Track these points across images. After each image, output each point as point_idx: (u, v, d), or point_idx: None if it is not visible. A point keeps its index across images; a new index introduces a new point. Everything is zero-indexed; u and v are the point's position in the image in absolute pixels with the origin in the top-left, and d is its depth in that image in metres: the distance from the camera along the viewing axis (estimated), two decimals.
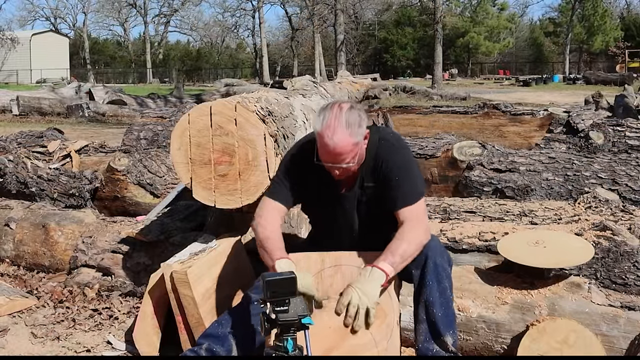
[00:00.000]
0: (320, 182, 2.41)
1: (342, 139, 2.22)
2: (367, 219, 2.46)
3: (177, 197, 4.16)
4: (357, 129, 2.25)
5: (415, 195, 2.33)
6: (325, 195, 2.44)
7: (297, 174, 2.44)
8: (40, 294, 3.32)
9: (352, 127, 2.24)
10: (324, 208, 2.48)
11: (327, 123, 2.23)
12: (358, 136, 2.26)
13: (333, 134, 2.22)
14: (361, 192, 2.41)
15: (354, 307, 2.10)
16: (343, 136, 2.22)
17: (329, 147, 2.23)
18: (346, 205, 2.44)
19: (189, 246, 2.82)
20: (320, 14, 37.91)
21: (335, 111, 2.25)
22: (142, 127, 7.04)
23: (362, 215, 2.46)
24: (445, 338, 2.29)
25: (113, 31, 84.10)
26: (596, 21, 46.27)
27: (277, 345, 1.81)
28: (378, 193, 2.39)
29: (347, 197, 2.43)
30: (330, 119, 2.23)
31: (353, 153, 2.26)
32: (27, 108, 15.33)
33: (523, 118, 6.48)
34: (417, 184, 2.37)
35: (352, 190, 2.42)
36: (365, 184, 2.40)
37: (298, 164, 2.45)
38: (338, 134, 2.22)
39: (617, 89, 18.44)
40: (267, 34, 49.64)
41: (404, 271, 2.36)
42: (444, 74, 33.73)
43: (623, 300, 2.52)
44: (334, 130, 2.22)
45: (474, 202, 3.70)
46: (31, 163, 4.64)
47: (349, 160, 2.27)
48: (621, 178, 3.87)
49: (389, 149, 2.38)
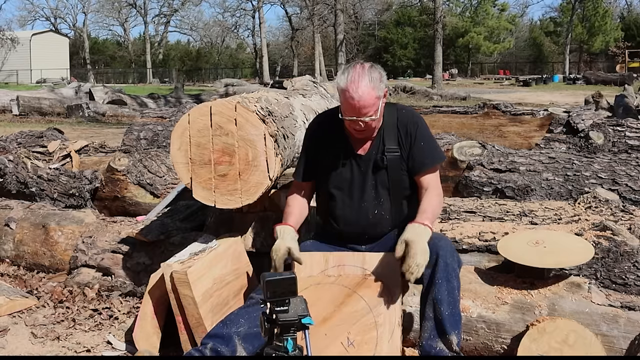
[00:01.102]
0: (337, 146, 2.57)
1: (366, 92, 2.38)
2: (380, 188, 2.55)
3: (177, 197, 4.16)
4: (379, 84, 2.43)
5: (438, 160, 2.58)
6: (340, 157, 2.57)
7: (314, 145, 2.63)
8: (40, 294, 3.32)
9: (375, 82, 2.41)
10: (338, 170, 2.58)
11: (352, 78, 2.39)
12: (380, 90, 2.43)
13: (357, 88, 2.38)
14: (382, 157, 2.53)
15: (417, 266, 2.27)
16: (367, 89, 2.39)
17: (354, 100, 2.39)
18: (362, 168, 2.55)
19: (189, 246, 2.82)
20: (320, 14, 37.93)
21: (358, 68, 2.42)
22: (142, 127, 7.04)
23: (377, 183, 2.55)
24: (450, 337, 2.31)
25: (113, 31, 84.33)
26: (596, 21, 46.29)
27: (277, 345, 1.81)
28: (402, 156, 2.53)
29: (363, 158, 2.56)
30: (354, 75, 2.40)
31: (376, 107, 2.42)
32: (27, 108, 15.35)
33: (523, 118, 6.48)
34: (439, 151, 2.60)
35: (370, 153, 2.55)
36: (386, 148, 2.54)
37: (314, 135, 2.65)
38: (362, 87, 2.38)
39: (617, 89, 18.46)
40: (267, 34, 49.69)
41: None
42: (444, 74, 33.74)
43: (623, 300, 2.52)
44: (358, 84, 2.38)
45: (474, 202, 3.70)
46: (31, 163, 4.64)
47: (372, 114, 2.41)
48: (621, 178, 3.87)
49: (411, 117, 2.59)
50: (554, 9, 53.71)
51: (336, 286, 2.42)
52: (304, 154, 2.69)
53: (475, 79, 43.59)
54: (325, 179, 2.64)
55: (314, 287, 2.41)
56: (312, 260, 2.42)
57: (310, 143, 2.66)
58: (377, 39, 54.24)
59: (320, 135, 2.63)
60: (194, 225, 3.47)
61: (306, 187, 2.70)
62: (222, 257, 2.80)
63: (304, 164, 2.67)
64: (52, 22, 57.24)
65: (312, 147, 2.64)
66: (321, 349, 2.29)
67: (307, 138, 2.69)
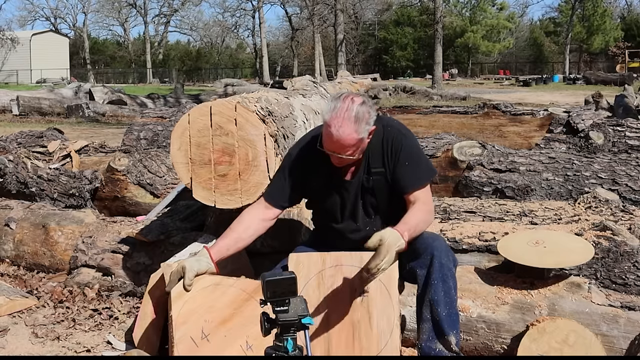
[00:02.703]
0: (324, 172, 2.46)
1: (347, 133, 2.27)
2: (369, 208, 2.50)
3: (177, 197, 4.16)
4: (364, 126, 2.30)
5: (425, 179, 2.44)
6: (329, 184, 2.49)
7: (300, 168, 2.49)
8: (40, 294, 3.32)
9: (360, 123, 2.29)
10: (328, 197, 2.51)
11: (337, 113, 2.28)
12: (364, 133, 2.31)
13: (340, 126, 2.27)
14: (367, 178, 2.46)
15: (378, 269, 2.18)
16: (349, 130, 2.27)
17: (332, 137, 2.29)
18: (351, 192, 2.48)
19: (189, 246, 2.82)
20: (320, 14, 37.91)
21: (347, 103, 2.29)
22: (142, 127, 7.04)
23: (366, 204, 2.50)
24: (449, 337, 2.30)
25: (113, 31, 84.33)
26: (595, 21, 46.29)
27: (277, 345, 1.81)
28: (386, 177, 2.44)
29: (351, 183, 2.48)
30: (341, 110, 2.28)
31: (355, 147, 2.32)
32: (27, 108, 15.34)
33: (523, 118, 6.49)
34: (427, 167, 2.47)
35: (357, 177, 2.47)
36: (372, 169, 2.45)
37: (301, 159, 2.50)
38: (344, 127, 2.27)
39: (617, 89, 18.45)
40: (267, 34, 49.67)
41: (408, 272, 2.38)
42: (444, 74, 33.73)
43: (623, 300, 2.52)
44: (342, 122, 2.27)
45: (474, 202, 3.70)
46: (31, 163, 4.64)
47: (350, 153, 2.32)
48: (621, 178, 3.87)
49: (396, 135, 2.45)
50: (554, 9, 53.73)
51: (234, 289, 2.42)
52: (281, 175, 2.52)
53: (475, 79, 43.57)
54: (316, 206, 2.62)
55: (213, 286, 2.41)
56: (309, 261, 2.42)
57: (294, 168, 2.50)
58: (377, 39, 54.22)
59: (305, 163, 2.49)
60: (194, 225, 3.47)
61: (271, 214, 2.52)
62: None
63: (281, 187, 2.51)
64: (52, 22, 57.24)
65: (296, 172, 2.50)
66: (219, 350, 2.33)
67: (290, 162, 2.52)
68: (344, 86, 8.67)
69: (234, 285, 2.43)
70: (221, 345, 2.34)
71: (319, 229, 2.69)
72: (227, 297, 2.40)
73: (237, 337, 2.36)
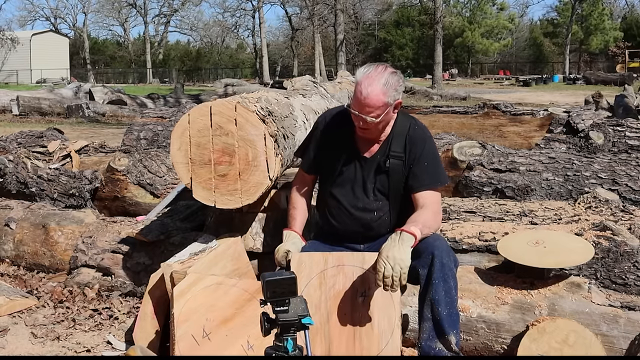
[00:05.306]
0: (345, 145, 2.58)
1: (375, 92, 2.38)
2: (381, 189, 2.56)
3: (177, 197, 4.16)
4: (392, 91, 2.41)
5: (439, 182, 2.53)
6: (348, 157, 2.58)
7: (323, 139, 2.65)
8: (40, 294, 3.32)
9: (388, 87, 2.40)
10: (344, 169, 2.59)
11: (369, 74, 2.41)
12: (390, 98, 2.41)
13: (369, 85, 2.38)
14: (385, 160, 2.53)
15: (388, 278, 2.24)
16: (377, 90, 2.38)
17: (361, 96, 2.39)
18: (366, 169, 2.56)
19: (189, 246, 2.82)
20: (320, 14, 37.90)
21: (380, 69, 2.43)
22: (142, 127, 7.04)
23: (378, 184, 2.55)
24: (449, 337, 2.31)
25: (113, 31, 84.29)
26: (593, 20, 46.31)
27: (277, 345, 1.81)
28: (404, 166, 2.52)
29: (368, 161, 2.56)
30: (372, 72, 2.41)
31: (380, 111, 2.40)
32: (27, 108, 15.34)
33: (523, 118, 6.48)
34: (442, 173, 2.57)
35: (375, 156, 2.56)
36: (392, 152, 2.53)
37: (325, 129, 2.67)
38: (373, 86, 2.38)
39: (617, 89, 18.45)
40: (267, 34, 49.68)
41: (410, 272, 2.38)
42: (444, 74, 33.74)
43: (623, 300, 2.52)
44: (371, 82, 2.38)
45: (474, 202, 3.70)
46: (31, 163, 4.64)
47: (374, 115, 2.40)
48: (621, 178, 3.86)
49: (421, 135, 2.56)
50: (554, 9, 53.70)
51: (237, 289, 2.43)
52: (313, 144, 2.72)
53: (475, 79, 43.58)
54: (328, 176, 2.67)
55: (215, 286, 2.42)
56: (311, 261, 2.42)
57: (320, 136, 2.69)
58: (377, 39, 54.23)
59: (330, 131, 2.65)
60: (194, 225, 3.46)
61: (310, 181, 2.76)
62: (222, 258, 2.80)
63: (312, 156, 2.71)
64: (52, 22, 57.25)
65: (321, 140, 2.68)
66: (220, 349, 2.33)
67: (318, 131, 2.72)
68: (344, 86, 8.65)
69: (236, 285, 2.43)
70: (222, 344, 2.34)
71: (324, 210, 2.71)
72: (229, 297, 2.40)
73: (239, 337, 2.36)
